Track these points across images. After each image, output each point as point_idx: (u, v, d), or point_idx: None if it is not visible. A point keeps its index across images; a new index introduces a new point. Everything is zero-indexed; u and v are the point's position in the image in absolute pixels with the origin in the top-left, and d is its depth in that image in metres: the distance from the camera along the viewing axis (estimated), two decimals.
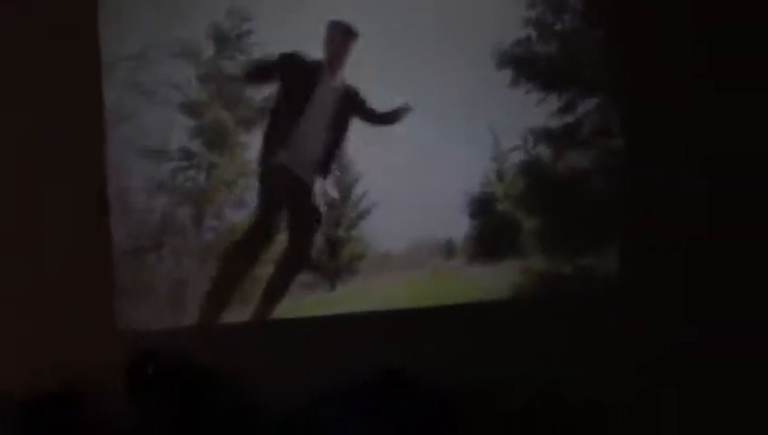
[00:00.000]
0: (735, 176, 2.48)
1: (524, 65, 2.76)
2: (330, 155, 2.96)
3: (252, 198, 2.96)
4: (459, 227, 2.82)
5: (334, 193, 2.96)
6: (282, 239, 2.97)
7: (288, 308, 2.92)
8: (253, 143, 2.99)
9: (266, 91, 2.99)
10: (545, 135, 2.75)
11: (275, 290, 2.94)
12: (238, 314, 2.93)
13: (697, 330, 2.49)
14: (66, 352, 2.85)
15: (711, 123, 2.51)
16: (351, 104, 2.93)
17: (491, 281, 2.77)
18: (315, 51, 2.94)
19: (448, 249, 2.84)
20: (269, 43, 2.96)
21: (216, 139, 3.01)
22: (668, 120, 2.58)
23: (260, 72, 3.01)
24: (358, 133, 2.91)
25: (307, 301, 2.93)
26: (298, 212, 2.97)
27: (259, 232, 2.96)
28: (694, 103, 2.54)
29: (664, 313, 2.55)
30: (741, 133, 2.47)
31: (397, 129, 2.85)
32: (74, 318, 2.91)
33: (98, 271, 2.94)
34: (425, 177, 2.79)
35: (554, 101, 2.74)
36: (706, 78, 2.53)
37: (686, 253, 2.55)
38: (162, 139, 3.01)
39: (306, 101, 2.95)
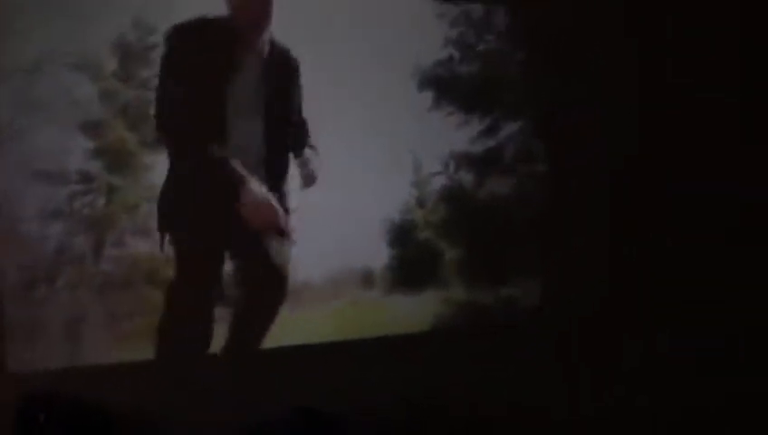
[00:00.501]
0: (662, 204, 2.45)
1: (446, 87, 2.66)
2: (278, 154, 2.56)
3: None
4: (378, 255, 2.71)
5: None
6: None
7: None
8: (158, 165, 2.77)
9: None
10: (467, 160, 2.66)
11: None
12: (142, 350, 2.73)
13: (622, 359, 2.44)
14: None
15: (638, 148, 2.47)
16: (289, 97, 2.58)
17: (412, 312, 2.67)
18: None
19: (366, 279, 2.72)
20: None
21: (118, 160, 2.83)
22: (594, 144, 2.53)
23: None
24: None
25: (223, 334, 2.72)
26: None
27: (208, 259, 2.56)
28: (621, 127, 2.49)
29: (586, 342, 2.50)
30: (669, 160, 2.43)
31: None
32: None
33: None
34: (342, 203, 2.66)
35: (476, 125, 2.65)
36: (635, 101, 2.48)
37: (611, 281, 2.51)
38: (58, 160, 2.81)
39: (225, 80, 2.44)
